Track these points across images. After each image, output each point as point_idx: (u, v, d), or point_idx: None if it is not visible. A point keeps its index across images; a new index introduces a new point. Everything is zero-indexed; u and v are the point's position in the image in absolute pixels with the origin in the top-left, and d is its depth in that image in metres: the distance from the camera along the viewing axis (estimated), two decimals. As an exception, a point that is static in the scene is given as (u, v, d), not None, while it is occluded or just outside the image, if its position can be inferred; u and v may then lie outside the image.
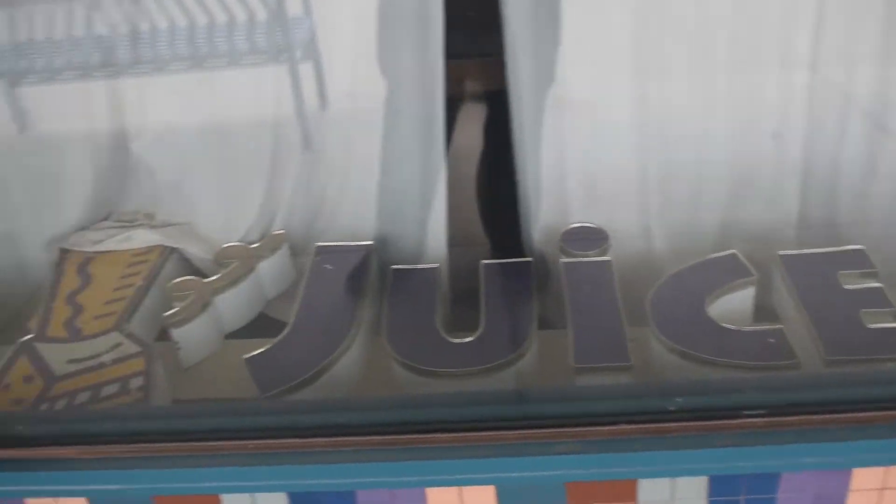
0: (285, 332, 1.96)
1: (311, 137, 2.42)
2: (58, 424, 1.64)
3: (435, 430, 1.52)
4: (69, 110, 2.51)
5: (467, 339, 1.90)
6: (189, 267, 2.28)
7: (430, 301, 2.01)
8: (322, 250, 2.18)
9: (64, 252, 2.25)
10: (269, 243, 2.20)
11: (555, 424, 1.52)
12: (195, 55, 2.62)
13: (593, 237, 2.13)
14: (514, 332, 1.91)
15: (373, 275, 2.13)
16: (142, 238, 2.24)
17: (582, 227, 2.15)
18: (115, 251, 2.23)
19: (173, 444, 1.55)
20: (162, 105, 2.43)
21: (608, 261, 2.06)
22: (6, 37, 2.78)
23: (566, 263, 2.06)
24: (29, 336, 2.03)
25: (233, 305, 2.11)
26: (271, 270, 2.19)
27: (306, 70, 2.53)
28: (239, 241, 2.22)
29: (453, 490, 1.49)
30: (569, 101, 2.17)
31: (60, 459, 1.55)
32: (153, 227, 2.28)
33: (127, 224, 2.29)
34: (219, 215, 2.29)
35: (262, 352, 1.91)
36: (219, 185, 2.31)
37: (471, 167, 2.45)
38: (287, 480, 1.50)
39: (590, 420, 1.51)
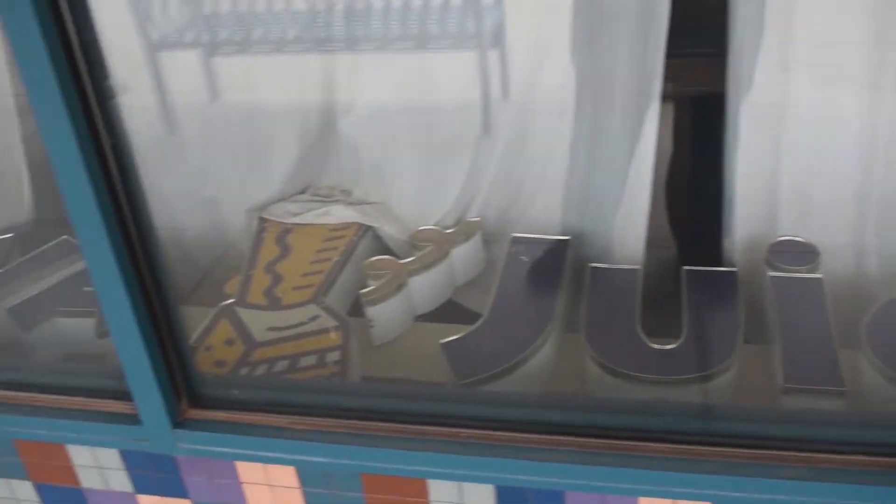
0: (481, 320, 1.95)
1: (506, 126, 2.39)
2: (271, 392, 1.66)
3: (651, 439, 1.47)
4: (267, 82, 2.56)
5: (669, 346, 1.84)
6: (381, 246, 2.29)
7: (630, 303, 1.96)
8: (518, 241, 2.15)
9: (263, 221, 2.29)
10: (465, 229, 2.20)
11: (776, 446, 1.45)
12: (386, 36, 2.63)
13: (803, 252, 2.03)
14: (718, 343, 1.84)
15: (568, 270, 2.09)
16: (339, 214, 2.26)
17: (791, 240, 2.06)
18: (313, 224, 2.26)
19: (383, 423, 1.55)
20: (358, 83, 2.44)
21: (819, 278, 1.96)
22: (206, 8, 2.86)
23: (774, 278, 1.98)
24: (230, 301, 2.07)
25: (425, 288, 2.12)
26: (464, 257, 2.19)
27: (494, 58, 2.51)
28: (434, 225, 2.22)
29: (667, 502, 1.44)
30: (786, 109, 2.07)
31: (272, 427, 1.58)
32: (350, 203, 2.30)
33: (324, 199, 2.32)
34: (415, 197, 2.29)
35: (458, 338, 1.90)
36: (416, 168, 2.31)
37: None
38: (496, 473, 1.49)
39: (815, 446, 1.44)
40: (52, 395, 1.69)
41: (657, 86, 1.99)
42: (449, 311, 2.19)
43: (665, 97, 2.25)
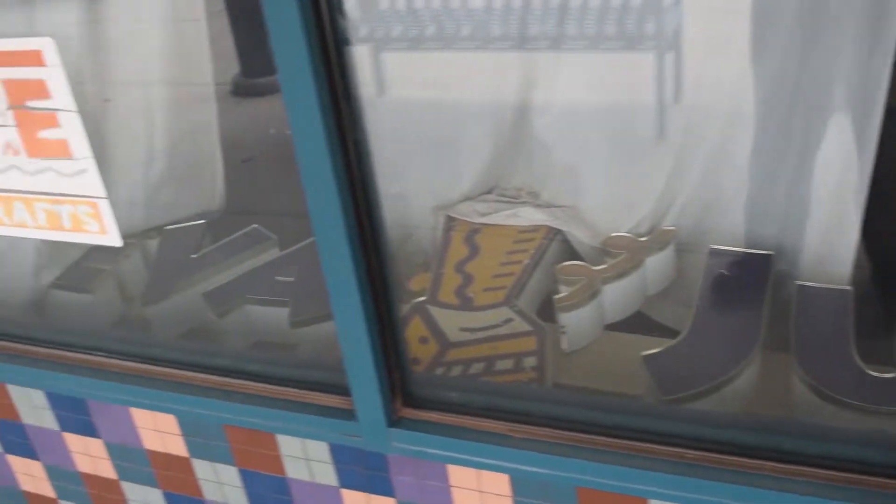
0: (684, 334, 1.89)
1: (693, 132, 2.32)
2: (482, 395, 1.63)
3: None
4: (443, 78, 2.54)
5: (890, 375, 1.74)
6: (568, 250, 2.24)
7: (844, 325, 1.86)
8: (716, 254, 2.08)
9: (450, 220, 2.28)
10: (659, 238, 2.13)
11: None
12: (559, 35, 2.58)
13: None
14: (942, 375, 1.74)
15: (770, 286, 2.01)
16: (528, 216, 2.23)
17: None
18: (501, 225, 2.23)
19: (603, 437, 1.51)
20: (544, 82, 2.40)
21: None
22: (381, 3, 2.85)
23: None
24: (422, 298, 2.06)
25: (617, 297, 2.07)
26: (657, 267, 2.12)
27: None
28: (628, 232, 2.16)
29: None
30: None
31: (488, 432, 1.55)
32: (538, 206, 2.26)
33: (512, 200, 2.29)
34: (606, 202, 2.24)
35: (660, 351, 1.85)
36: (607, 171, 2.25)
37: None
38: (724, 499, 1.42)
39: None
40: (262, 383, 1.71)
41: (881, 96, 1.89)
42: (636, 322, 2.14)
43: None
